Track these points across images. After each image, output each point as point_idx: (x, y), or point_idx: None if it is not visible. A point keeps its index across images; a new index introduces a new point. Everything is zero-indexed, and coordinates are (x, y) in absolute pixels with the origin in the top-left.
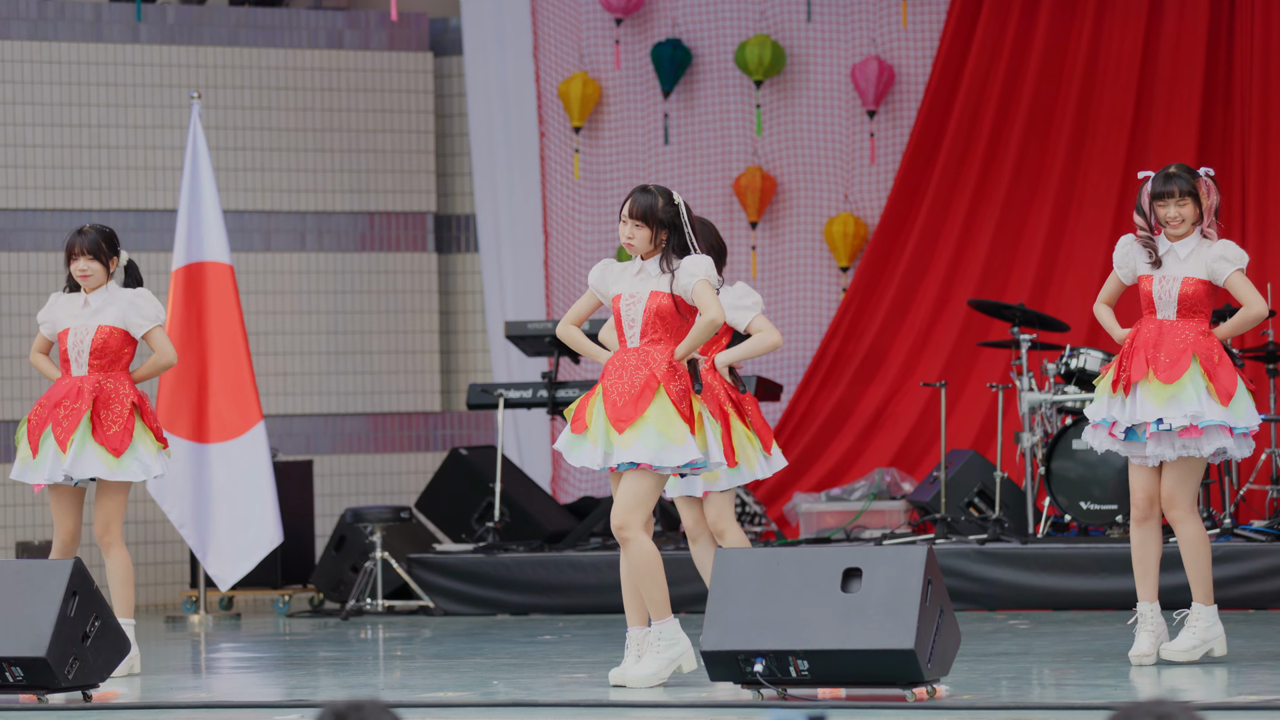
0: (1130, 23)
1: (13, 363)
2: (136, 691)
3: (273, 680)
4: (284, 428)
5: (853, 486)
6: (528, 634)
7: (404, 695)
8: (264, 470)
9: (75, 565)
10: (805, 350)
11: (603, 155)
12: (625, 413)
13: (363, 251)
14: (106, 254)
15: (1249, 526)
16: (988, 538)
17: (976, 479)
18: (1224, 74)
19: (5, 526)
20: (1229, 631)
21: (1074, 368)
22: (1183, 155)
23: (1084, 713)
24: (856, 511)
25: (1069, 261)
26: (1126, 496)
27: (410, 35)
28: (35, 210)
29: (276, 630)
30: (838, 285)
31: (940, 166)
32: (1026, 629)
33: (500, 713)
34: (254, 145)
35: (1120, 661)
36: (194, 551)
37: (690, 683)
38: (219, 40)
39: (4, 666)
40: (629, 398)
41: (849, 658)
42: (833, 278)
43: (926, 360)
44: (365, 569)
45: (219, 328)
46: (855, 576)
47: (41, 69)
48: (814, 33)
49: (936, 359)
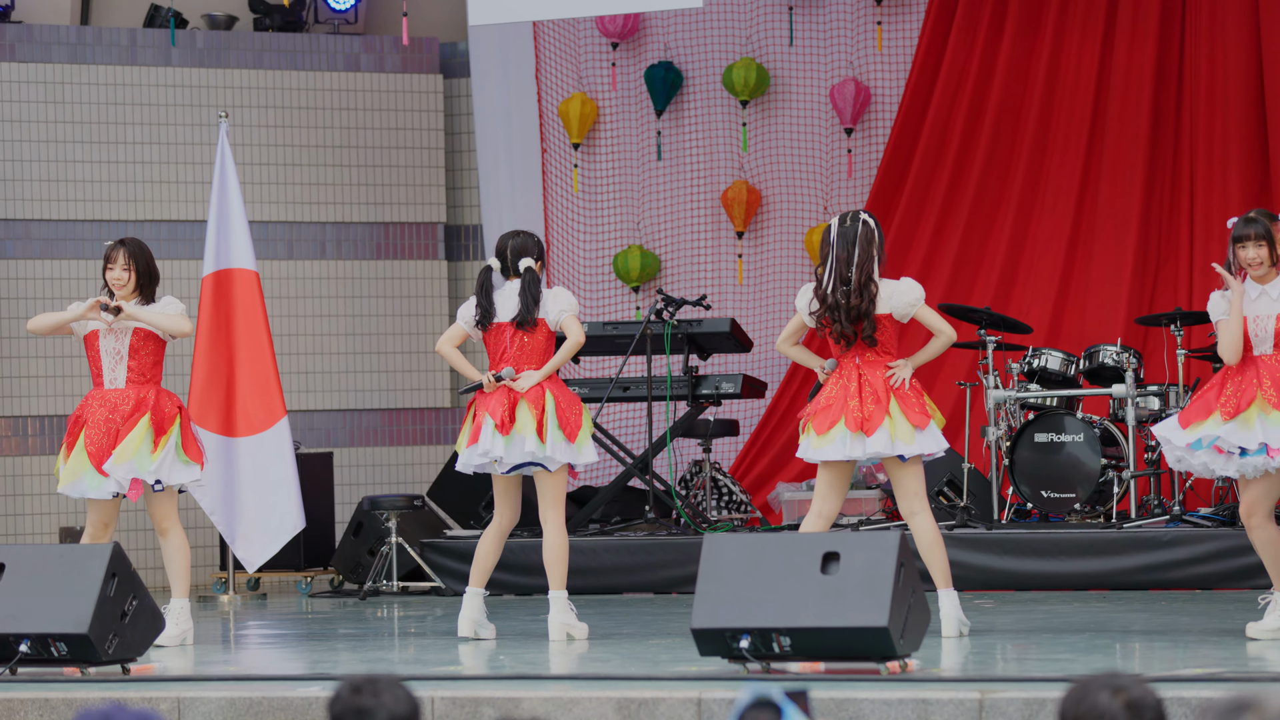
0: (1085, 48)
1: (57, 362)
2: (178, 663)
3: (296, 655)
4: (306, 422)
5: None
6: (530, 612)
7: (416, 669)
8: (288, 462)
9: (114, 549)
10: None
11: (600, 170)
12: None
13: (378, 259)
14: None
15: (1196, 514)
16: (956, 524)
17: (946, 469)
18: (1173, 95)
19: (49, 513)
20: (1178, 610)
21: (1035, 367)
22: (1133, 170)
23: (1043, 684)
24: None
25: (1030, 268)
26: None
27: (421, 59)
28: (75, 221)
29: (299, 609)
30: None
31: (911, 180)
32: (991, 608)
33: (505, 684)
34: (277, 160)
35: (1077, 636)
36: (223, 536)
37: (681, 658)
38: (245, 64)
39: (49, 642)
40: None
41: (828, 634)
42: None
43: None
44: (381, 553)
45: (246, 330)
46: (834, 560)
47: (81, 90)
48: (795, 56)
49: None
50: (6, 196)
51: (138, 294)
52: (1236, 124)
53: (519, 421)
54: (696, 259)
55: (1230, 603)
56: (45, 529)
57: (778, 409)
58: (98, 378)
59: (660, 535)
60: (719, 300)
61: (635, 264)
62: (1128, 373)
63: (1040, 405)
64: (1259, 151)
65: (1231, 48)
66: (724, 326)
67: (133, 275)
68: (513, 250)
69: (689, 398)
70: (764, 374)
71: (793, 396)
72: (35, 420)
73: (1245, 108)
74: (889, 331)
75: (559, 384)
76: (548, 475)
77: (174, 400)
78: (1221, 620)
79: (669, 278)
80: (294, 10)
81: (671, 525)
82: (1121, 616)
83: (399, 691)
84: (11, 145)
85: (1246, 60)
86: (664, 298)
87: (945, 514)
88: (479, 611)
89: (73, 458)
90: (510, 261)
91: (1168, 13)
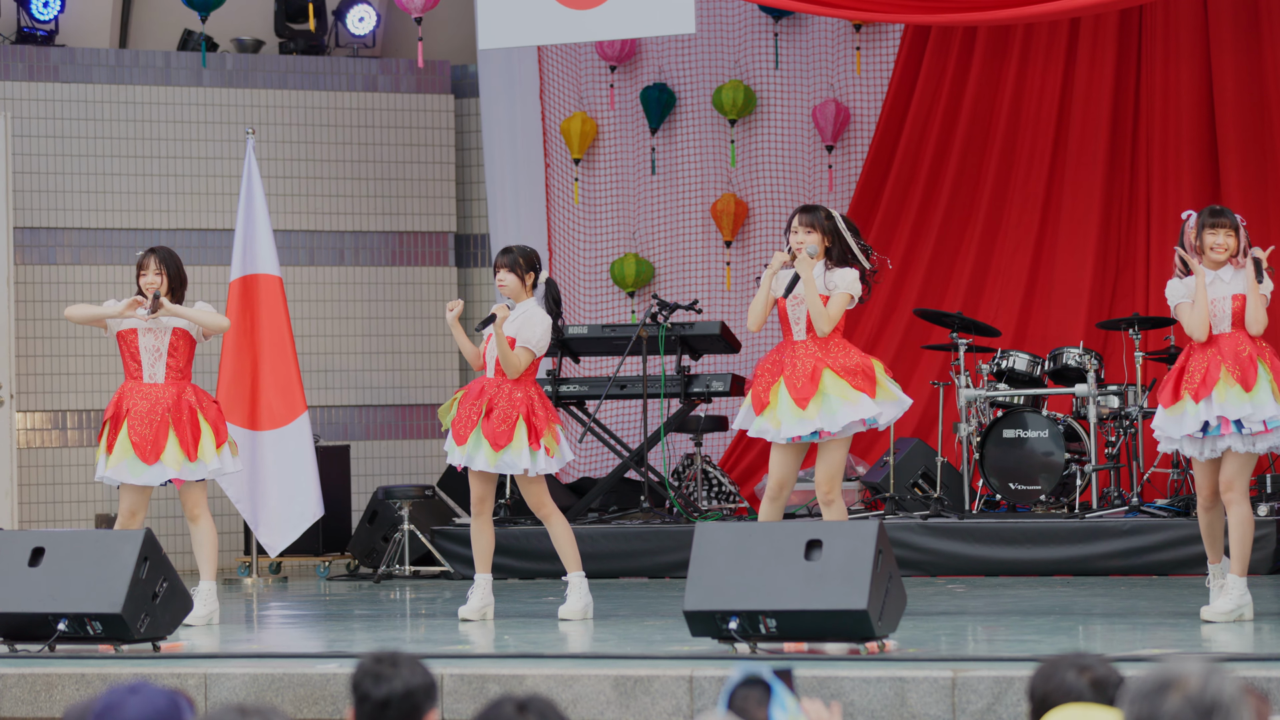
0: (1049, 71)
1: (93, 360)
2: (205, 640)
3: (315, 634)
4: (325, 417)
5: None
6: (534, 595)
7: (427, 647)
8: (308, 454)
9: (146, 534)
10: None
11: (599, 183)
12: (805, 391)
13: (393, 265)
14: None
15: (1153, 504)
16: (930, 514)
17: (921, 463)
18: (1129, 113)
19: (85, 501)
20: (1137, 595)
21: (1004, 367)
22: (1093, 184)
23: (1012, 664)
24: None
25: (998, 275)
26: (1047, 478)
27: (434, 80)
28: (112, 229)
29: (318, 591)
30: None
31: (888, 194)
32: (963, 592)
33: (510, 663)
34: (300, 174)
35: (1043, 619)
36: (247, 523)
37: (674, 638)
38: (270, 84)
39: (85, 621)
40: (805, 379)
41: (811, 617)
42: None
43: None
44: (394, 539)
45: (269, 331)
46: (816, 547)
47: (119, 109)
48: (780, 78)
49: (884, 360)
50: (50, 206)
51: (169, 298)
52: (1189, 140)
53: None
54: (688, 266)
55: (1185, 588)
56: (83, 515)
57: None
58: (136, 372)
59: (654, 523)
60: (709, 304)
61: (631, 271)
62: (1089, 373)
63: (1008, 403)
64: (1209, 164)
65: (1184, 69)
66: (714, 329)
67: (164, 280)
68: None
69: (681, 395)
70: (751, 373)
71: None
72: (74, 414)
73: (1197, 125)
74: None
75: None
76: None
77: (209, 396)
78: (1177, 604)
79: (662, 283)
80: (317, 35)
81: (665, 514)
82: (1084, 600)
83: (417, 666)
84: (54, 159)
85: (1198, 80)
86: (659, 302)
87: (920, 504)
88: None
89: (117, 447)
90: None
91: (1125, 37)
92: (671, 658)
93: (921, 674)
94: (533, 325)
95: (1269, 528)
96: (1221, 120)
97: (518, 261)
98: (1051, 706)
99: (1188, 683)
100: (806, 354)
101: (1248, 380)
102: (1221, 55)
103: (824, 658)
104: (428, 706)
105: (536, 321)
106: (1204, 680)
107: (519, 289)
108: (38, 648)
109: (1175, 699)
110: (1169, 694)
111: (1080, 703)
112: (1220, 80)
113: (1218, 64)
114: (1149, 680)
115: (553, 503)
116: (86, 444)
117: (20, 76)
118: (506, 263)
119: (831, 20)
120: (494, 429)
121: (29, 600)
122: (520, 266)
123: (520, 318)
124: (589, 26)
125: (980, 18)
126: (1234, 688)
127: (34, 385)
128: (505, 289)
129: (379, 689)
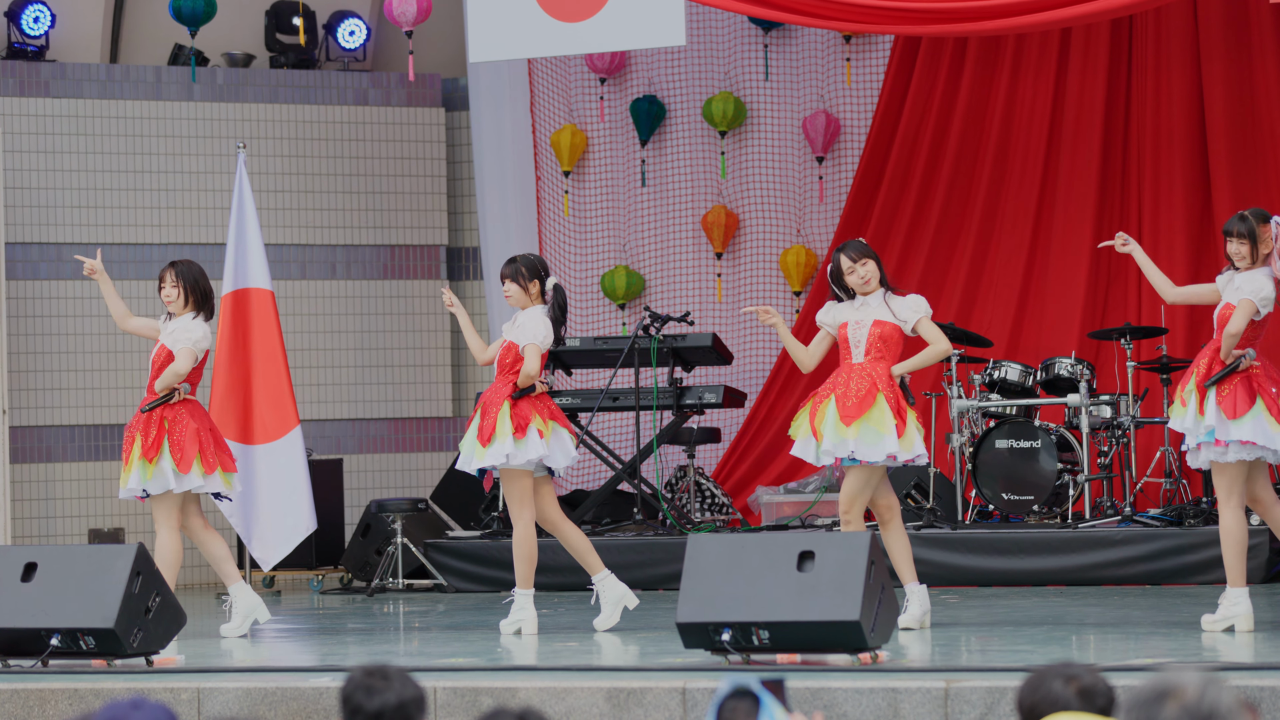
0: (1040, 82)
1: (85, 375)
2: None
3: (308, 647)
4: (318, 430)
5: (807, 481)
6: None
7: (421, 660)
8: (300, 467)
9: (139, 549)
10: (765, 363)
11: (589, 196)
12: (853, 411)
13: (384, 279)
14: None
15: (1146, 514)
16: (923, 524)
17: (913, 473)
18: (1121, 124)
19: (78, 516)
20: (1130, 604)
21: (996, 378)
22: (1086, 193)
23: (1005, 674)
24: (810, 502)
25: (990, 286)
26: (1040, 488)
27: (425, 93)
28: (105, 244)
29: (311, 605)
30: (792, 307)
31: (879, 204)
32: (956, 602)
33: (503, 675)
34: (291, 188)
35: (1035, 628)
36: (241, 537)
37: (667, 650)
38: (261, 98)
39: (78, 636)
40: (856, 400)
41: (803, 628)
42: (787, 301)
43: None
44: (388, 552)
45: (262, 344)
46: (809, 558)
47: (110, 123)
48: (770, 90)
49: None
50: (40, 221)
51: (190, 309)
52: (1180, 150)
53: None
54: (679, 278)
55: (1177, 597)
56: (75, 531)
57: (756, 417)
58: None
59: (647, 535)
60: (700, 316)
61: (621, 283)
62: (1081, 383)
63: (1001, 414)
64: (1200, 174)
65: (1175, 79)
66: (706, 341)
67: (180, 292)
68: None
69: (674, 407)
70: (744, 385)
71: (770, 405)
72: (65, 430)
73: (1188, 135)
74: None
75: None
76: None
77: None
78: (1169, 613)
79: (653, 296)
80: (307, 49)
81: (658, 526)
82: (1077, 610)
83: (408, 679)
84: (45, 174)
85: (1188, 91)
86: (651, 314)
87: (913, 515)
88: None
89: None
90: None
91: (1116, 48)
92: (664, 669)
93: (914, 685)
94: (531, 324)
95: (1261, 537)
96: (1212, 130)
97: (520, 271)
98: (1040, 716)
99: (1185, 692)
100: (862, 376)
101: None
102: (1212, 65)
103: (817, 668)
104: (419, 719)
105: (533, 319)
106: (1201, 690)
107: (523, 298)
108: (30, 663)
109: (1173, 708)
110: (1166, 703)
111: (1069, 711)
112: (1211, 90)
113: (1208, 74)
114: (1146, 689)
115: (560, 511)
116: (78, 459)
117: (11, 92)
118: (509, 273)
119: (821, 32)
120: (484, 425)
121: (21, 616)
122: (523, 275)
123: (517, 326)
124: (579, 39)
125: (971, 28)
126: (1231, 698)
127: (27, 400)
128: (510, 299)
129: (372, 701)
